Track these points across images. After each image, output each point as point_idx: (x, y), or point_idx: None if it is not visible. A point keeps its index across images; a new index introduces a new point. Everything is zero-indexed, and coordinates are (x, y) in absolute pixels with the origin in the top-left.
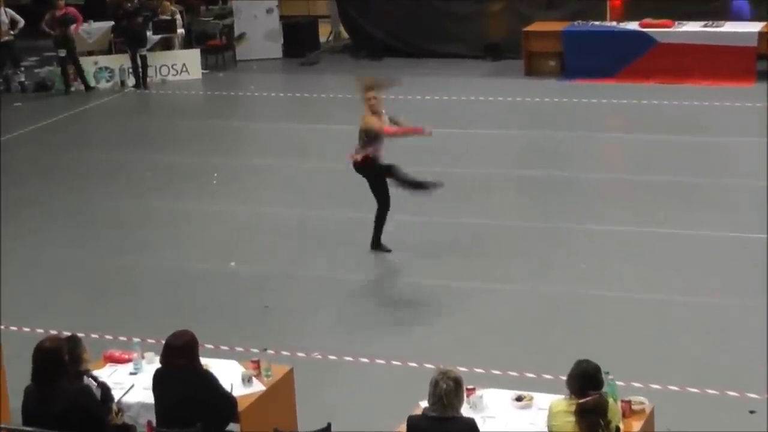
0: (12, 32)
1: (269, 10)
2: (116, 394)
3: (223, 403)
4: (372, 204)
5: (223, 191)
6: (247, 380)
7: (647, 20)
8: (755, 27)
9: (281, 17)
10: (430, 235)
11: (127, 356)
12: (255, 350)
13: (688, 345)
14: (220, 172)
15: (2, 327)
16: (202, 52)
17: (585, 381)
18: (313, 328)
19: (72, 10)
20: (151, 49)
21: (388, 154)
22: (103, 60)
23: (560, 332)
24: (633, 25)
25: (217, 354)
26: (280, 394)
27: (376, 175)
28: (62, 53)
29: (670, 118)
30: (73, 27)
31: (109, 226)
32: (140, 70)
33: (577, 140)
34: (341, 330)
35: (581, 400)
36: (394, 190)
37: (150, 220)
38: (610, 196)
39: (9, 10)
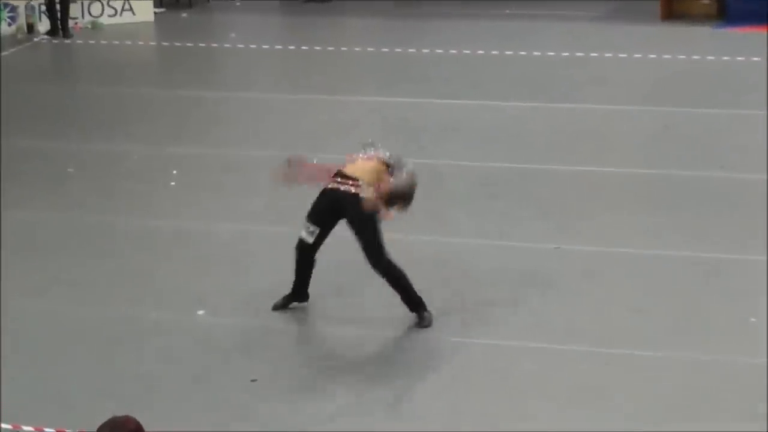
0: None
1: None
2: None
3: None
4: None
5: (188, 199)
6: None
7: None
8: None
9: None
10: (510, 263)
11: None
12: None
13: None
14: (182, 169)
15: None
16: None
17: None
18: (319, 411)
19: None
20: None
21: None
22: None
23: (728, 421)
24: None
25: None
26: None
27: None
28: None
29: None
30: None
31: (16, 251)
32: (58, 8)
33: (746, 121)
34: (363, 413)
35: None
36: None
37: (77, 243)
38: None
39: None
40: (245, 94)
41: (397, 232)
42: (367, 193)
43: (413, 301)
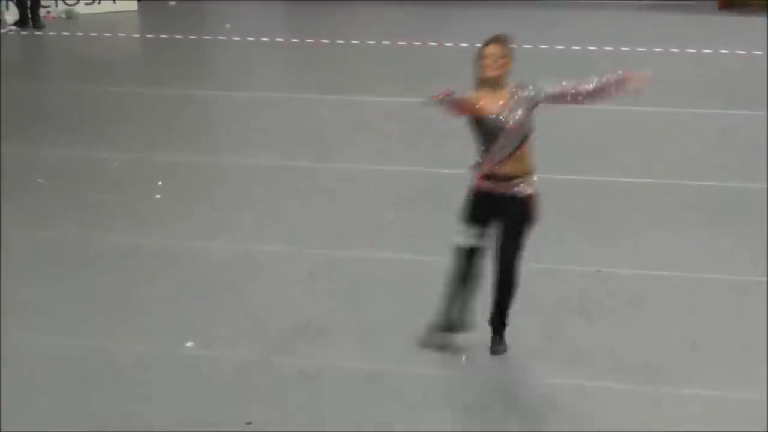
0: None
1: None
2: None
3: None
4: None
5: (176, 213)
6: None
7: None
8: None
9: None
10: (545, 288)
11: None
12: None
13: None
14: (169, 178)
15: None
16: None
17: None
18: None
19: None
20: None
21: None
22: None
23: None
24: None
25: None
26: None
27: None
28: None
29: None
30: None
31: None
32: None
33: None
34: None
35: None
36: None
37: (47, 263)
38: None
39: None
40: (242, 93)
41: (420, 253)
42: (530, 189)
43: (506, 321)
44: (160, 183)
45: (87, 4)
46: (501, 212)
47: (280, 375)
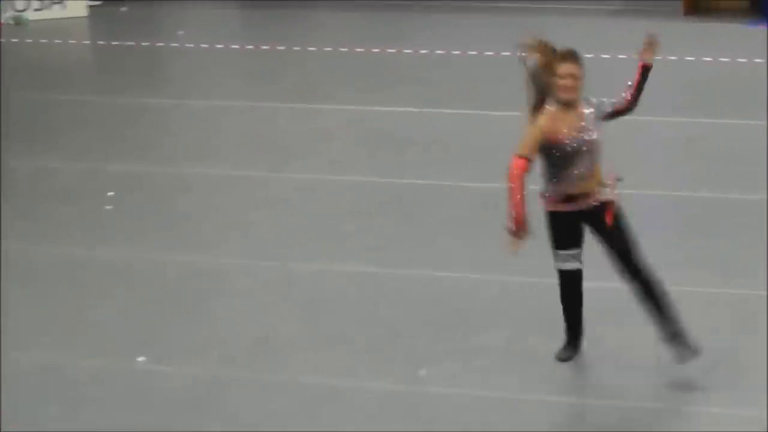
0: None
1: None
2: None
3: None
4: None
5: (128, 226)
6: None
7: None
8: None
9: None
10: (514, 302)
11: None
12: None
13: None
14: (121, 189)
15: None
16: None
17: None
18: None
19: None
20: None
21: None
22: None
23: None
24: None
25: None
26: None
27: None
28: None
29: None
30: None
31: None
32: None
33: None
34: None
35: None
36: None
37: None
38: None
39: None
40: (196, 101)
41: (377, 266)
42: (608, 193)
43: (674, 324)
44: (110, 194)
45: (36, 9)
46: (592, 225)
47: (236, 390)
